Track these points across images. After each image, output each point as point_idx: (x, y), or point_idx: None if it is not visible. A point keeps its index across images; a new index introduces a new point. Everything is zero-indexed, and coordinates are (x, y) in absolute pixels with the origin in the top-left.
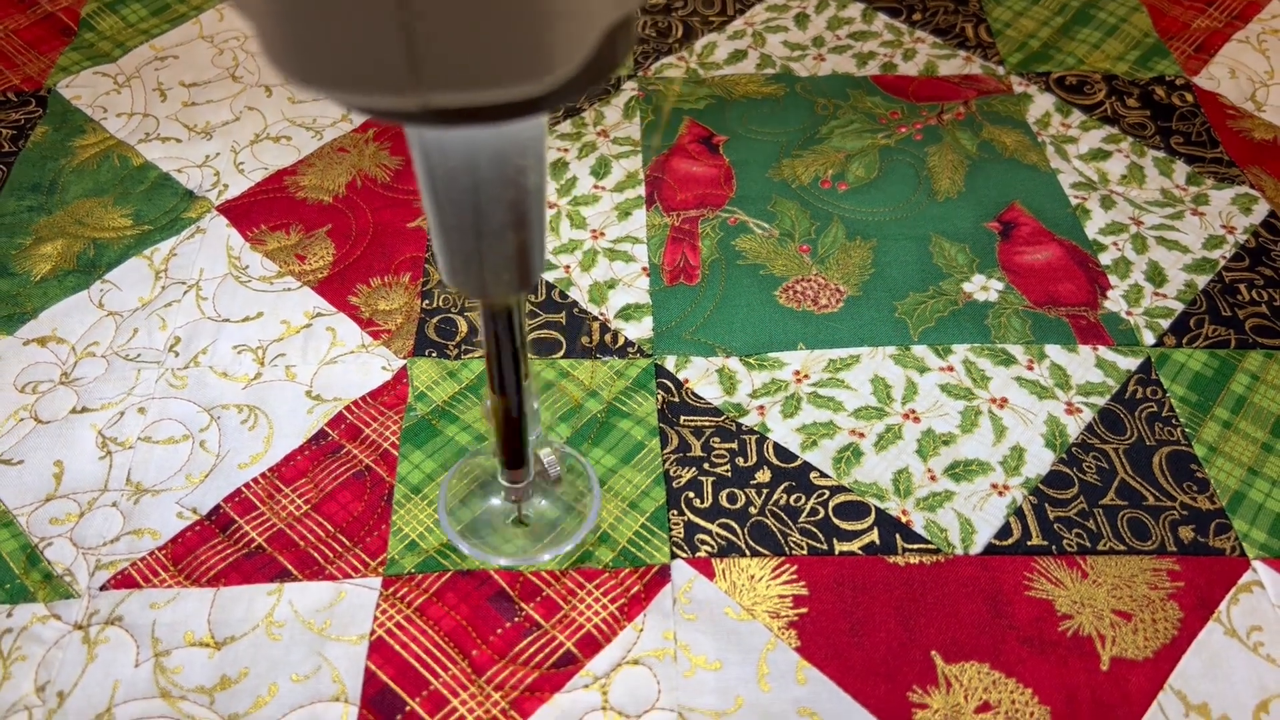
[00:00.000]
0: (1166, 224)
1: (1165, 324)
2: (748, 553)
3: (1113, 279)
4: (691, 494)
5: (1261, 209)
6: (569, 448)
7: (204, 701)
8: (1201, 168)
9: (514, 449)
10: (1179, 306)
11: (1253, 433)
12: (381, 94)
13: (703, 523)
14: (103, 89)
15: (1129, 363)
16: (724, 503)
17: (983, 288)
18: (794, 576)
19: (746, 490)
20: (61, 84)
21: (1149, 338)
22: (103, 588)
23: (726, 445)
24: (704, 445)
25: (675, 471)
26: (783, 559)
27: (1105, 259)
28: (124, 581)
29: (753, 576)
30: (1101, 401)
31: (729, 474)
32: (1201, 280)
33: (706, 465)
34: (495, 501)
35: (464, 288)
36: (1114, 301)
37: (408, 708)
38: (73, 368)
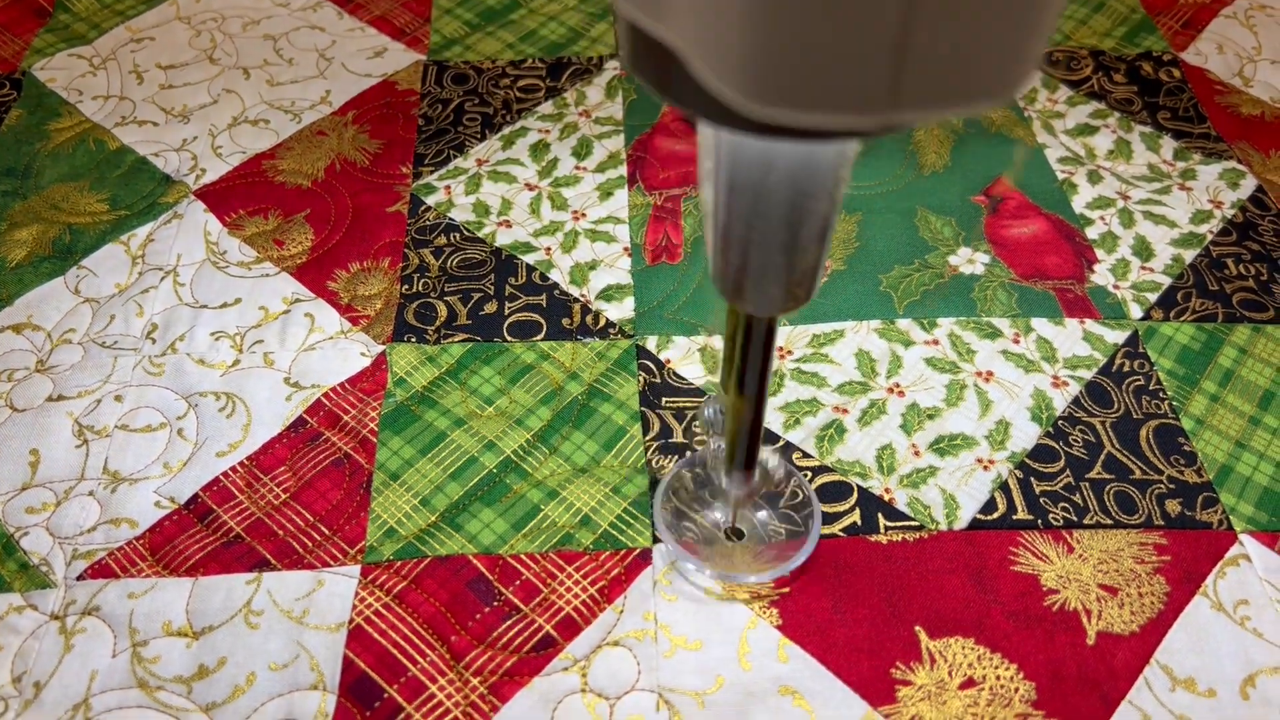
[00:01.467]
0: (1154, 199)
1: (1152, 298)
2: (730, 539)
3: (1100, 253)
4: (674, 480)
5: (1249, 184)
6: (789, 461)
7: (181, 691)
8: (1189, 143)
9: (750, 450)
10: (1166, 280)
11: (1240, 406)
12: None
13: (685, 508)
14: (78, 71)
15: (1116, 336)
16: (706, 492)
17: (969, 261)
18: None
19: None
20: (36, 66)
21: (1136, 311)
22: (80, 577)
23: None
24: (685, 430)
25: (658, 461)
26: (762, 546)
27: (1092, 233)
28: (101, 571)
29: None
30: (1088, 375)
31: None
32: (1189, 254)
33: (689, 452)
34: (714, 515)
35: (751, 304)
36: (1101, 275)
37: (386, 695)
38: (48, 355)
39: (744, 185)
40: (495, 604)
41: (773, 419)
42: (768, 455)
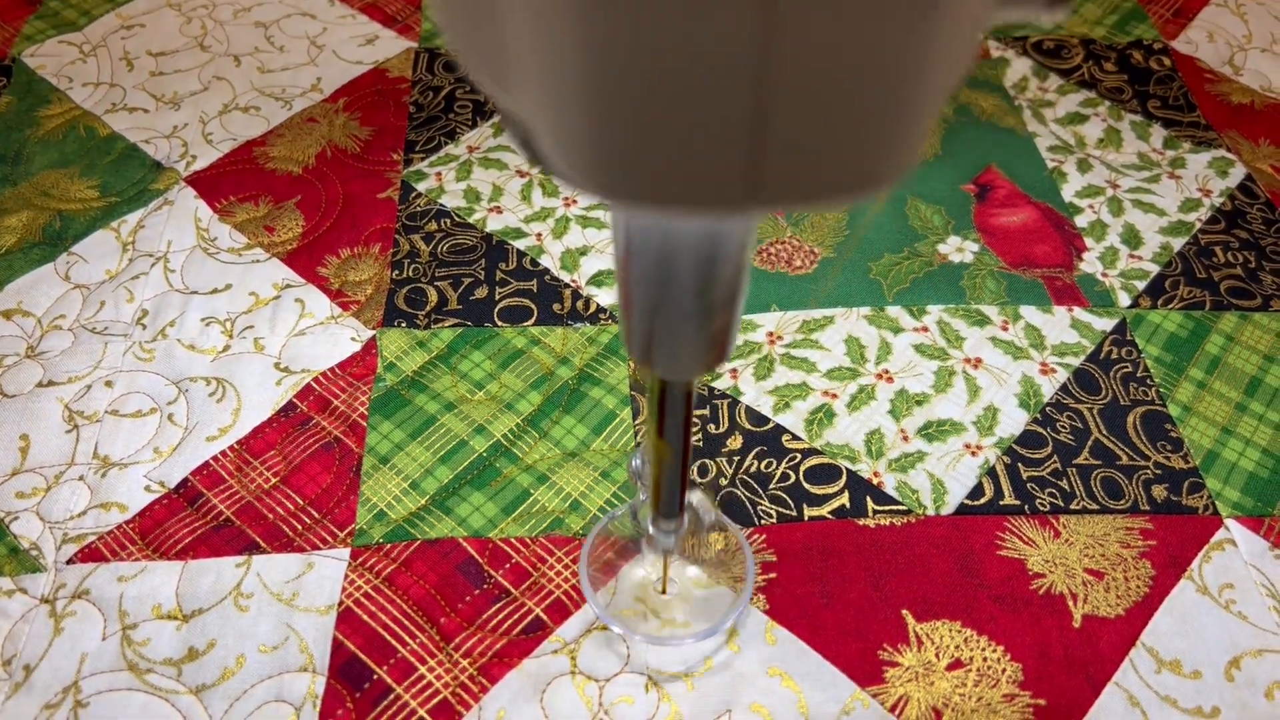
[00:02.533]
0: (1143, 187)
1: (1141, 285)
2: (718, 525)
3: (1089, 241)
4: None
5: (1238, 172)
6: (721, 513)
7: (171, 674)
8: (1179, 131)
9: (673, 496)
10: (1155, 268)
11: (1227, 393)
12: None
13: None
14: (68, 58)
15: (1104, 323)
16: (694, 475)
17: (958, 249)
18: (763, 545)
19: (717, 460)
20: (26, 53)
21: (1124, 299)
22: (69, 561)
23: (698, 412)
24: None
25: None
26: (751, 530)
27: (1081, 221)
28: (91, 555)
29: (722, 550)
30: (1076, 362)
31: (700, 443)
32: (1177, 243)
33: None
34: (640, 572)
35: (660, 368)
36: (1090, 263)
37: (375, 676)
38: (39, 341)
39: (643, 250)
40: (485, 587)
41: (762, 402)
42: (697, 499)
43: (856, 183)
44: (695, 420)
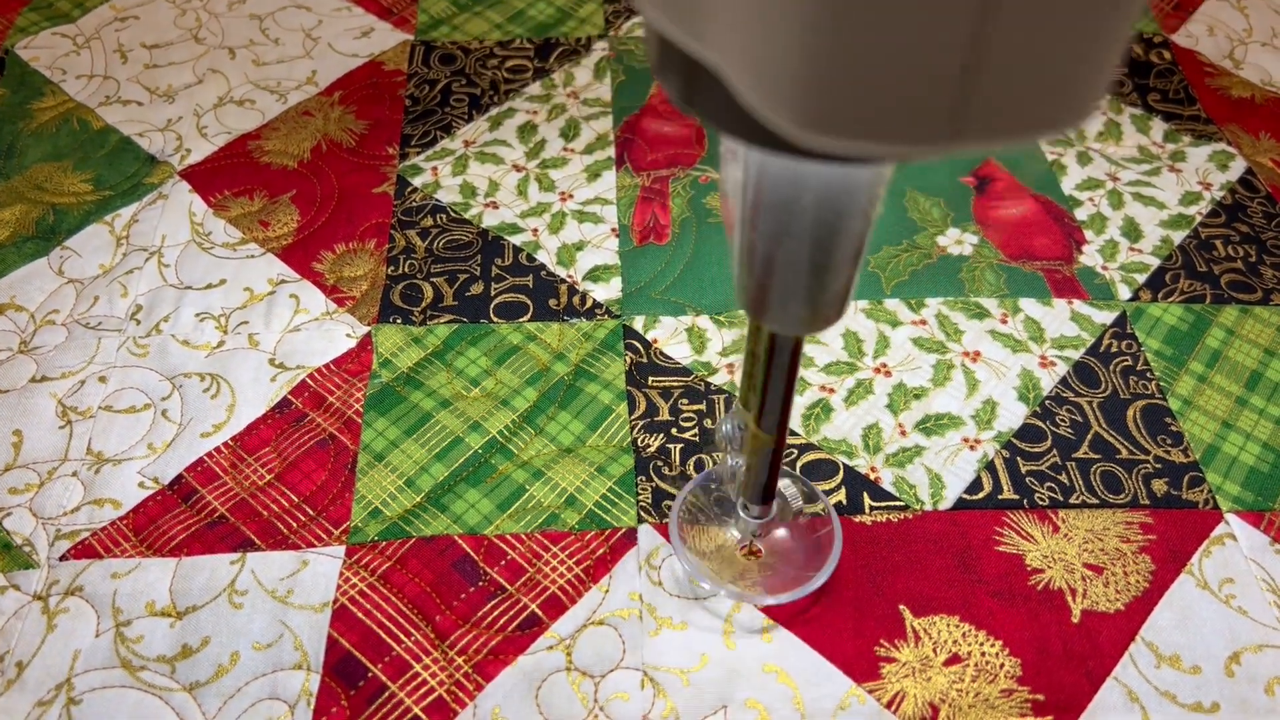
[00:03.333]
0: (1143, 180)
1: (1141, 279)
2: (715, 520)
3: (1088, 234)
4: (660, 461)
5: (1239, 165)
6: (810, 482)
7: (165, 671)
8: (1179, 125)
9: (768, 485)
10: (1155, 262)
11: (1227, 386)
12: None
13: (670, 489)
14: (62, 50)
15: (1104, 316)
16: (691, 471)
17: (957, 241)
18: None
19: (714, 455)
20: (19, 45)
21: (1124, 292)
22: (63, 558)
23: (694, 407)
24: (672, 408)
25: (644, 440)
26: None
27: (1081, 214)
28: (84, 551)
29: (719, 546)
30: (1076, 355)
31: (697, 439)
32: (1178, 236)
33: (674, 430)
34: (732, 533)
35: (776, 323)
36: (1089, 256)
37: (370, 674)
38: (32, 336)
39: (773, 203)
40: (480, 584)
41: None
42: (787, 484)
43: (1053, 119)
44: (691, 415)
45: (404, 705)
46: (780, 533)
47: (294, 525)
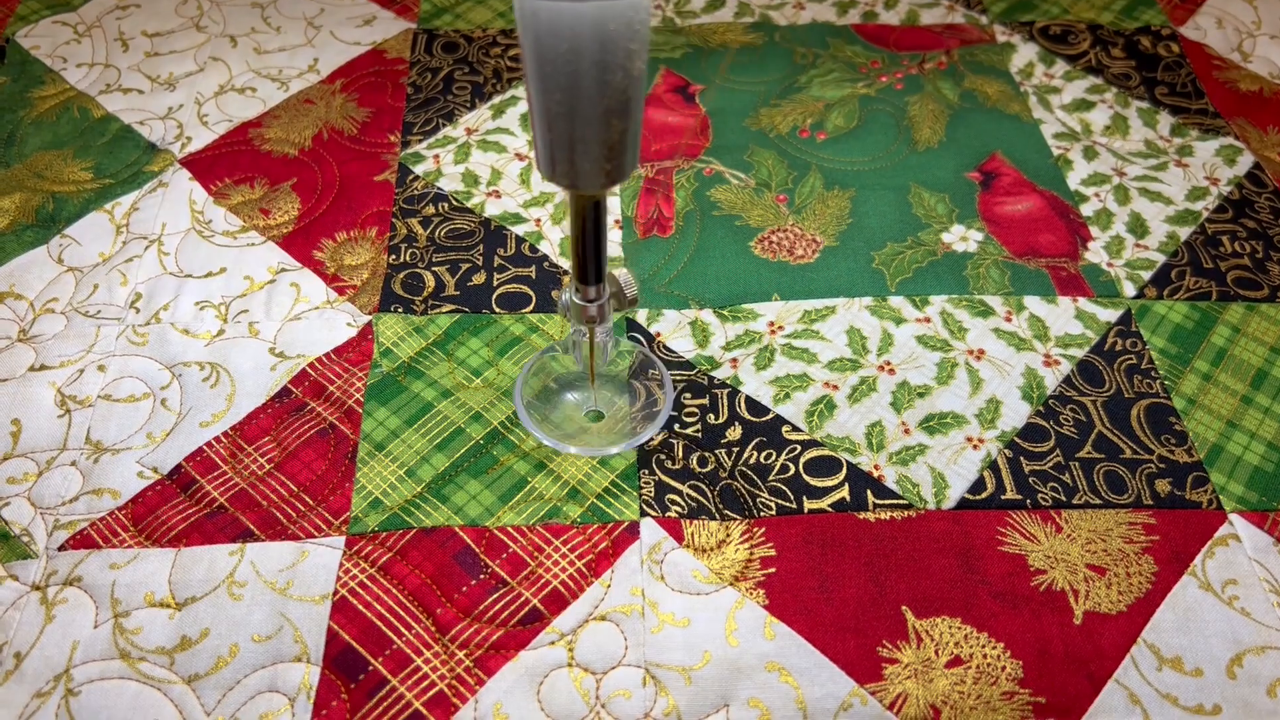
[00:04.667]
0: (1150, 175)
1: (1146, 275)
2: (717, 516)
3: (1094, 230)
4: (662, 455)
5: (1246, 160)
6: (645, 348)
7: (164, 662)
8: (1186, 119)
9: (590, 261)
10: (1160, 258)
11: (1232, 385)
12: None
13: (673, 483)
14: (62, 38)
15: (1109, 314)
16: (694, 465)
17: (962, 238)
18: (762, 539)
19: (717, 452)
20: (20, 33)
21: (1130, 289)
22: (61, 548)
23: (697, 402)
24: (675, 402)
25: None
26: (751, 521)
27: (1087, 210)
28: (83, 541)
29: (722, 541)
30: (1080, 353)
31: (699, 434)
32: (1184, 232)
33: (677, 425)
34: (570, 397)
35: (563, 179)
36: (1095, 253)
37: (370, 667)
38: (31, 324)
39: (542, 55)
40: (482, 577)
41: (763, 392)
42: (621, 273)
43: None
44: (694, 410)
45: (405, 700)
46: (621, 399)
47: (293, 515)
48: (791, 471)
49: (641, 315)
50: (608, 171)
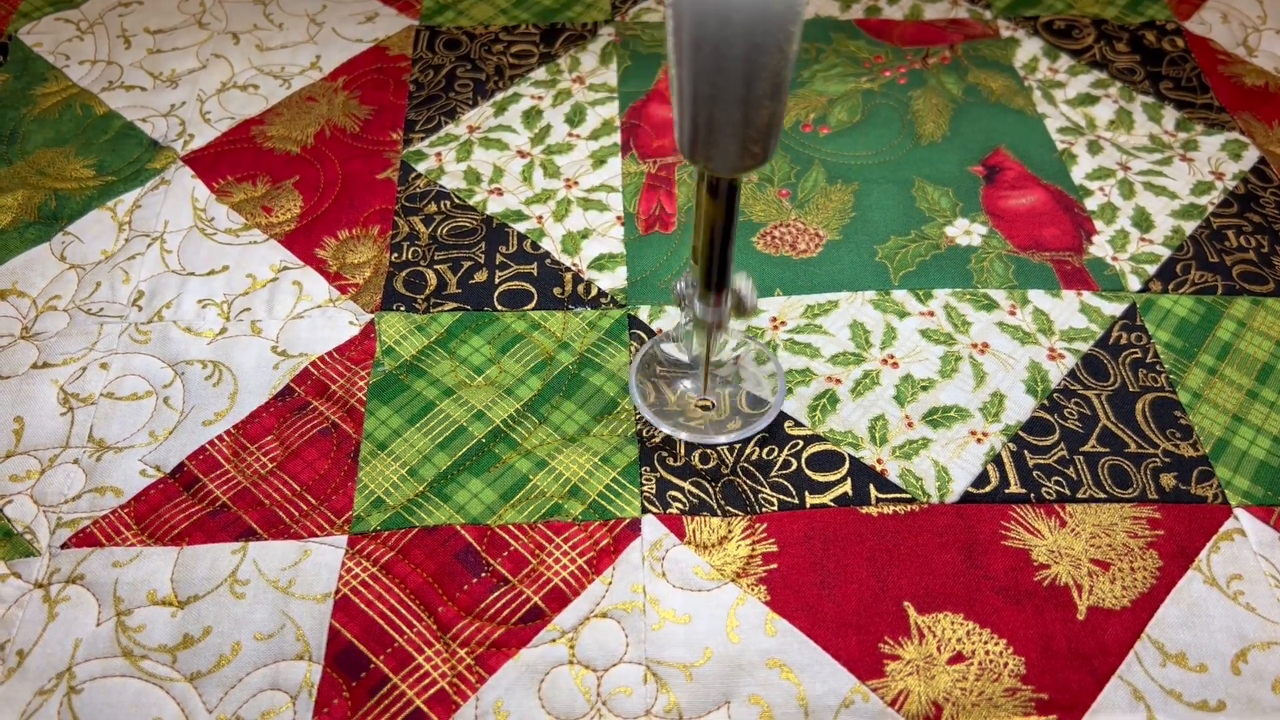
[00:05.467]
0: (1155, 169)
1: (1151, 269)
2: (719, 513)
3: (1099, 224)
4: (664, 451)
5: (1252, 155)
6: (761, 343)
7: (166, 660)
8: (1191, 113)
9: (718, 268)
10: (1166, 252)
11: (1238, 379)
12: None
13: (675, 479)
14: (65, 35)
15: (1114, 308)
16: (696, 461)
17: (966, 232)
18: (764, 535)
19: (718, 448)
20: (23, 30)
21: (1134, 283)
22: (64, 546)
23: (699, 401)
24: (678, 400)
25: (648, 430)
26: (753, 518)
27: (1091, 204)
28: (85, 540)
29: (723, 537)
30: (1085, 347)
31: (701, 427)
32: (1189, 226)
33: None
34: (681, 385)
35: (708, 161)
36: (1099, 247)
37: (372, 665)
38: (33, 322)
39: (704, 40)
40: (483, 575)
41: (764, 385)
42: (742, 281)
43: None
44: (696, 409)
45: (406, 697)
46: (729, 389)
47: (296, 514)
48: (794, 467)
49: (643, 312)
50: (754, 154)
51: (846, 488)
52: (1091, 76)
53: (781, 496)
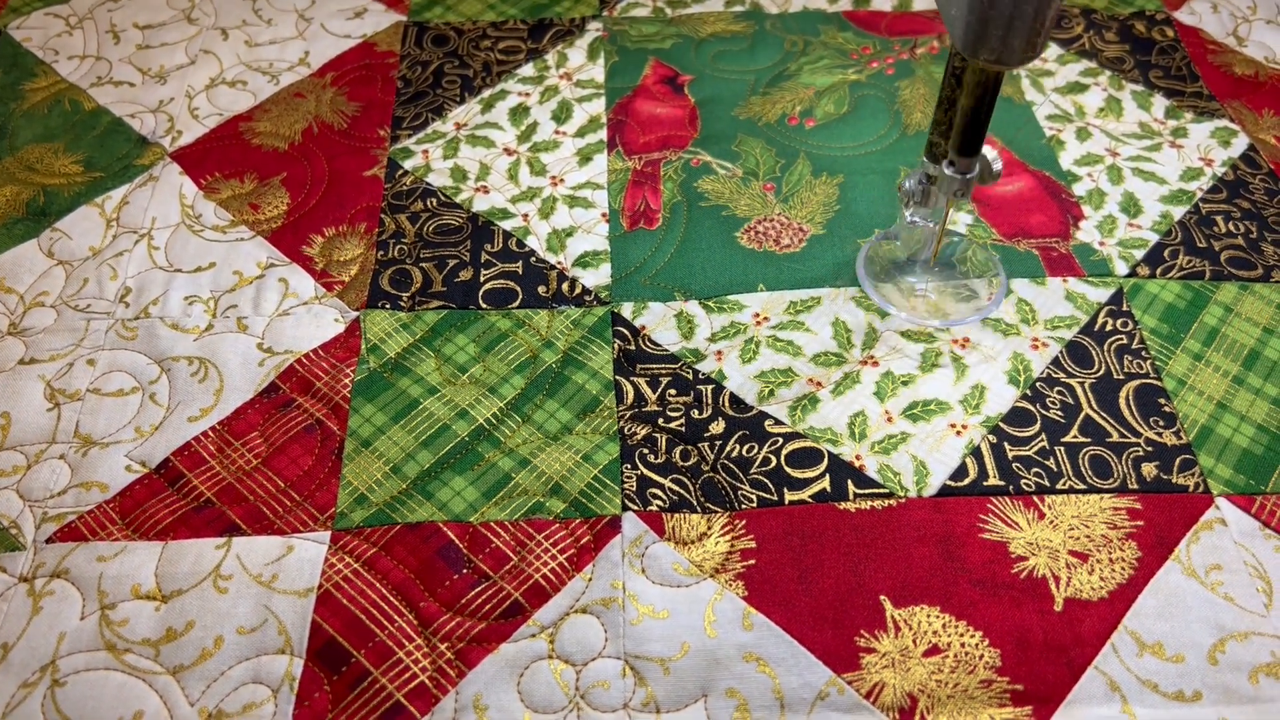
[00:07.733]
0: (1143, 156)
1: (1139, 254)
2: (699, 509)
3: (1086, 209)
4: (645, 450)
5: (1241, 142)
6: (973, 241)
7: (149, 654)
8: (1181, 101)
9: (973, 133)
10: (1154, 237)
11: (1224, 365)
12: None
13: (655, 477)
14: (54, 31)
15: (1100, 294)
16: (677, 459)
17: (951, 220)
18: (743, 531)
19: (700, 445)
20: (12, 25)
21: (1122, 268)
22: (49, 540)
23: (681, 398)
24: (660, 398)
25: (630, 429)
26: (733, 514)
27: (1079, 190)
28: (71, 534)
29: (703, 534)
30: (1069, 334)
31: (683, 428)
32: (1178, 211)
33: (661, 420)
34: (906, 279)
35: (998, 55)
36: (1087, 232)
37: (353, 659)
38: (21, 317)
39: None
40: (465, 571)
41: (747, 388)
42: (988, 150)
43: None
44: (679, 405)
45: (386, 691)
46: (949, 284)
47: (280, 510)
48: (773, 464)
49: (627, 309)
50: (1035, 46)
51: (825, 484)
52: (1081, 65)
53: (760, 493)
